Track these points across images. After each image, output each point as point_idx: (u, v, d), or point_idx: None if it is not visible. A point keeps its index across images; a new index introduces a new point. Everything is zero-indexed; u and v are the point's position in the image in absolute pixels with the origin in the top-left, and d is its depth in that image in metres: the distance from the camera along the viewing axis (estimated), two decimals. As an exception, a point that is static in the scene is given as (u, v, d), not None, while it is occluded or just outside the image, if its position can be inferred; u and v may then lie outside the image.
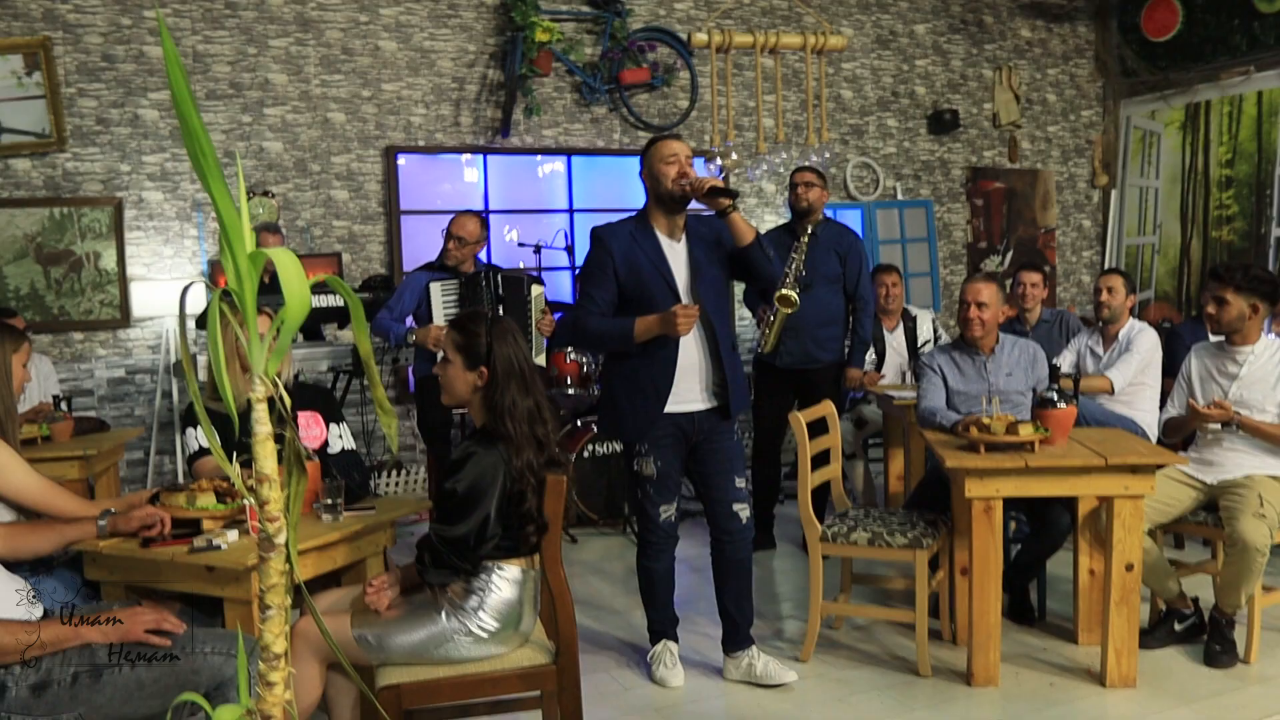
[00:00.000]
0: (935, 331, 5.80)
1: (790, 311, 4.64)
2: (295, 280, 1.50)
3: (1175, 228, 8.06)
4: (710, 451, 3.48)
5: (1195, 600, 3.80)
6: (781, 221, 5.87)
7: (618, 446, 5.64)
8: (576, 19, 6.94)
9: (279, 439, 1.57)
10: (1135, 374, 4.70)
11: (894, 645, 3.86)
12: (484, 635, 2.54)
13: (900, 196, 7.92)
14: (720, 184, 3.31)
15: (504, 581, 2.57)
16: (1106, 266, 8.46)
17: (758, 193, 7.47)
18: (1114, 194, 8.49)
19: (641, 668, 3.70)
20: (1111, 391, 4.70)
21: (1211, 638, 3.62)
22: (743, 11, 7.34)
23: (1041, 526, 3.86)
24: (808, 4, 7.14)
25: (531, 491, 2.53)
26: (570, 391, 5.75)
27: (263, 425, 1.54)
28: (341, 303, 5.01)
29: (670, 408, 3.38)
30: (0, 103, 5.62)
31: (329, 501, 2.80)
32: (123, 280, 5.94)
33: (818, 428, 4.01)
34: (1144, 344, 4.73)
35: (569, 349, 5.81)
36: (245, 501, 2.66)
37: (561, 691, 2.56)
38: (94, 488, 4.33)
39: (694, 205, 3.43)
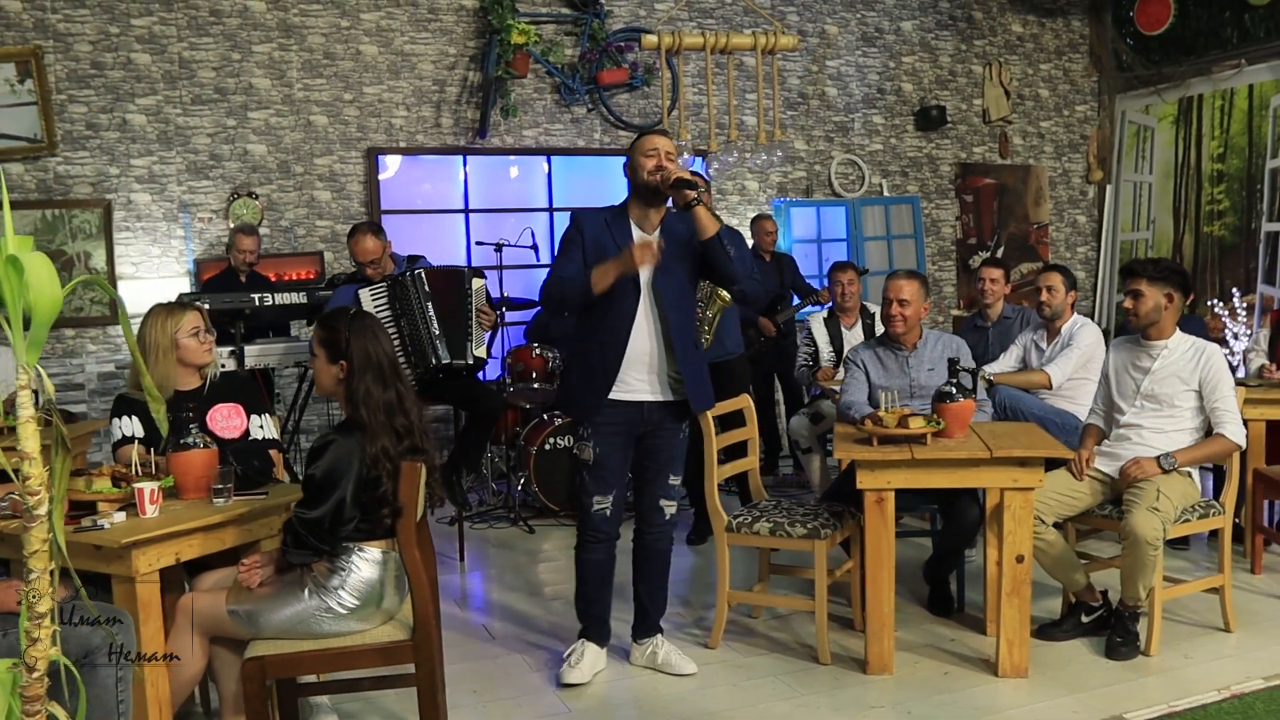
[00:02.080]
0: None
1: (723, 306, 4.80)
2: (46, 282, 1.67)
3: (1168, 223, 8.00)
4: (653, 445, 3.54)
5: (1104, 593, 3.84)
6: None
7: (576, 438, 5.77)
8: (556, 21, 7.08)
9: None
10: (1075, 369, 4.72)
11: (807, 634, 3.94)
12: (343, 612, 2.69)
13: (887, 193, 7.95)
14: (687, 176, 3.32)
15: (364, 562, 2.72)
16: (1102, 262, 8.43)
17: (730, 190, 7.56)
18: (1109, 189, 8.44)
19: (560, 652, 3.83)
20: (1050, 386, 4.74)
21: (1114, 630, 3.66)
22: (724, 11, 7.43)
23: (951, 519, 3.92)
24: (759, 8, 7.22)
25: (387, 477, 2.67)
26: (535, 385, 5.88)
27: (25, 409, 1.69)
28: (304, 299, 5.17)
29: (617, 394, 3.42)
30: (-7, 109, 5.91)
31: (218, 486, 2.96)
32: (112, 279, 6.20)
33: (736, 421, 4.13)
34: (1084, 339, 4.75)
35: (535, 345, 5.96)
36: (136, 486, 2.83)
37: (418, 666, 2.70)
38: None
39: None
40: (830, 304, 5.83)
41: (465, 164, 7.04)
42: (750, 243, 6.55)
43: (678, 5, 7.29)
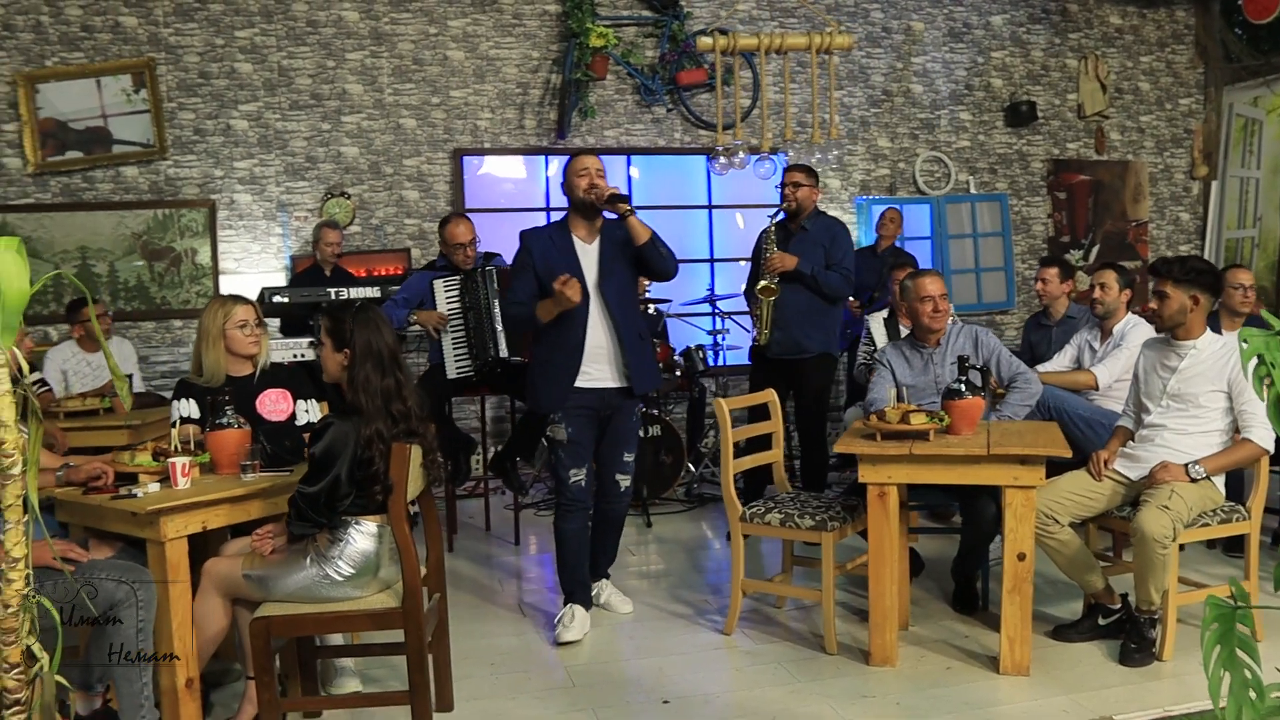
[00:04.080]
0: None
1: (770, 300, 4.89)
2: (15, 276, 1.93)
3: (1275, 220, 7.65)
4: (612, 427, 3.99)
5: (1124, 596, 3.79)
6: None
7: (641, 432, 5.93)
8: (638, 24, 7.25)
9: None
10: (1124, 370, 4.63)
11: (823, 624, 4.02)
12: (340, 579, 2.93)
13: (974, 190, 7.84)
14: (618, 192, 3.79)
15: (360, 534, 2.95)
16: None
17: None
18: (1214, 185, 8.11)
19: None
20: (1096, 387, 4.67)
21: (1128, 635, 3.61)
22: (807, 10, 7.47)
23: (969, 516, 3.93)
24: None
25: (380, 457, 2.89)
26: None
27: (2, 384, 1.96)
28: (378, 293, 5.48)
29: (581, 383, 3.87)
30: (112, 117, 6.45)
31: (246, 463, 3.25)
32: (216, 273, 6.69)
33: (760, 414, 4.24)
34: (1135, 340, 4.65)
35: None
36: (169, 461, 3.14)
37: (407, 634, 2.92)
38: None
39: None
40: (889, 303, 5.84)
41: (547, 164, 7.29)
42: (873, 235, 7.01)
43: (759, 5, 7.38)
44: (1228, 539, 4.39)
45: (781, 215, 5.13)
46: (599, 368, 3.88)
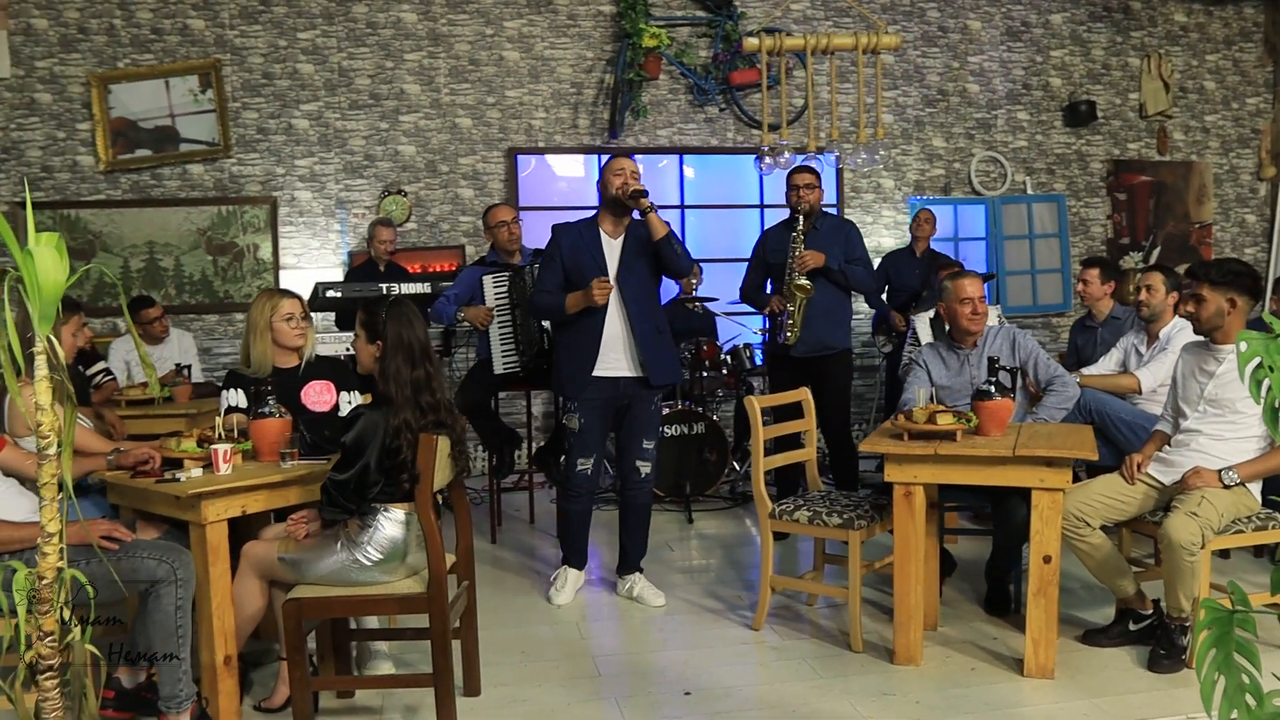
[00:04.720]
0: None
1: (805, 298, 4.92)
2: (52, 269, 2.05)
3: (1346, 223, 7.44)
4: (631, 415, 4.26)
5: (1156, 602, 3.75)
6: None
7: (686, 429, 6.01)
8: (691, 24, 7.30)
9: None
10: (1168, 374, 4.56)
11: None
12: (368, 564, 3.04)
13: (1030, 191, 7.75)
14: (641, 189, 4.06)
15: (388, 521, 3.06)
16: (1273, 264, 7.92)
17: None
18: (1282, 187, 7.92)
19: (613, 626, 4.10)
20: (1139, 391, 4.62)
21: (1158, 642, 3.57)
22: (862, 9, 7.45)
23: (1000, 518, 3.92)
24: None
25: (407, 446, 2.99)
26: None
27: (40, 370, 2.09)
28: (428, 288, 5.61)
29: (599, 371, 4.15)
30: (179, 117, 6.69)
31: (285, 451, 3.38)
32: (276, 268, 6.90)
33: (794, 412, 4.27)
34: (1181, 344, 4.58)
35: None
36: (212, 447, 3.28)
37: (431, 618, 3.02)
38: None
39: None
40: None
41: (600, 163, 7.37)
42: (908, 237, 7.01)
43: (813, 5, 7.38)
44: (1276, 546, 4.31)
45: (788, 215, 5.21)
46: (615, 357, 4.14)
